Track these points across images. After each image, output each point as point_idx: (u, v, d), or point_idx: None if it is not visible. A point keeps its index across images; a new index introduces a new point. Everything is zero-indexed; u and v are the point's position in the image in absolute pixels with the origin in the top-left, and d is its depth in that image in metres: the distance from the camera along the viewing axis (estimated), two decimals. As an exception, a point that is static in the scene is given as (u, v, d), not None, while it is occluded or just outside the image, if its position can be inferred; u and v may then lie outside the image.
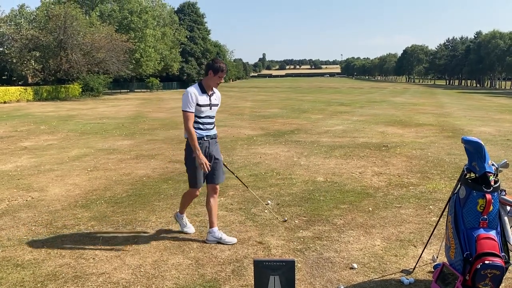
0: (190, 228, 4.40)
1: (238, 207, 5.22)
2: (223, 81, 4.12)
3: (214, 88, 4.04)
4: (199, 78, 57.00)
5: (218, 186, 4.19)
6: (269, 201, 5.42)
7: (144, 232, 4.39)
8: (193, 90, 3.87)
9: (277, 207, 5.23)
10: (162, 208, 5.21)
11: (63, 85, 35.07)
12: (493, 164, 3.04)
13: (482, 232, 2.95)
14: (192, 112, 3.86)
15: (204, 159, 3.86)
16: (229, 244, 4.05)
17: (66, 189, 6.16)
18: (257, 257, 3.78)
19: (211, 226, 4.13)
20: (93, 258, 3.75)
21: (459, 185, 3.15)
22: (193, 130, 3.86)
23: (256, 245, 4.05)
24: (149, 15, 47.66)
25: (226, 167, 4.41)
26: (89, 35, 34.38)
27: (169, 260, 3.72)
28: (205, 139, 3.98)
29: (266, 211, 5.07)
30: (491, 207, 2.94)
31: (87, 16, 40.30)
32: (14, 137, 11.72)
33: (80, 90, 36.31)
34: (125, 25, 44.57)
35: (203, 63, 70.76)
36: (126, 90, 54.31)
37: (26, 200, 5.58)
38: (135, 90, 55.60)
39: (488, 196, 2.92)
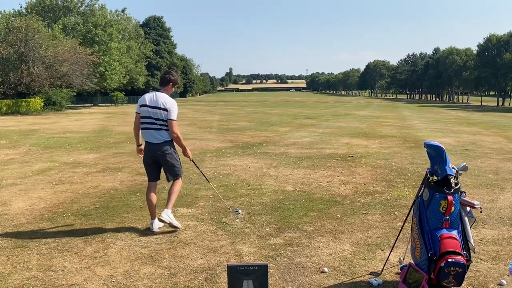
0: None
1: (209, 217, 5.22)
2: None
3: None
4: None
5: None
6: (240, 210, 5.46)
7: (114, 243, 4.33)
8: None
9: (248, 216, 5.27)
10: (132, 220, 5.15)
11: (24, 99, 33.93)
12: (453, 167, 3.22)
13: (445, 232, 3.11)
14: None
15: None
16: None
17: (31, 203, 5.98)
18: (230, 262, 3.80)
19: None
20: (62, 270, 3.67)
21: (422, 188, 3.30)
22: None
23: (228, 253, 4.07)
24: (114, 28, 47.16)
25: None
26: (52, 48, 33.54)
27: (141, 270, 3.69)
28: None
29: (237, 220, 5.10)
30: (453, 208, 3.11)
31: (49, 29, 39.42)
32: (-27, 151, 11.27)
33: (42, 104, 35.22)
34: (90, 38, 43.89)
35: (169, 77, 70.30)
36: (89, 104, 53.19)
37: (-12, 215, 5.38)
38: (99, 104, 54.56)
39: (450, 197, 3.09)
